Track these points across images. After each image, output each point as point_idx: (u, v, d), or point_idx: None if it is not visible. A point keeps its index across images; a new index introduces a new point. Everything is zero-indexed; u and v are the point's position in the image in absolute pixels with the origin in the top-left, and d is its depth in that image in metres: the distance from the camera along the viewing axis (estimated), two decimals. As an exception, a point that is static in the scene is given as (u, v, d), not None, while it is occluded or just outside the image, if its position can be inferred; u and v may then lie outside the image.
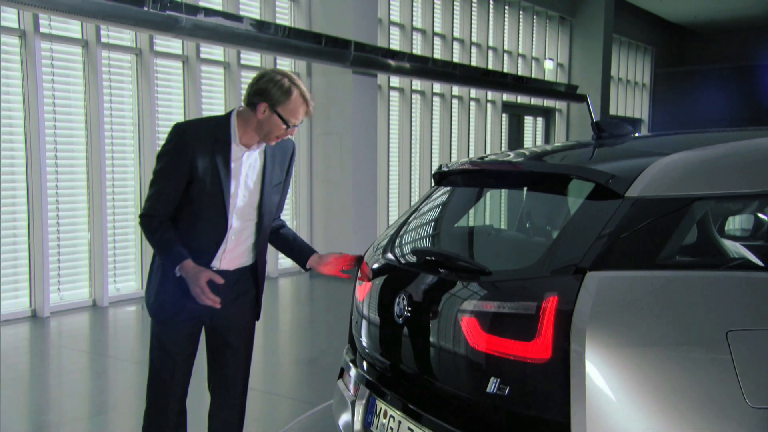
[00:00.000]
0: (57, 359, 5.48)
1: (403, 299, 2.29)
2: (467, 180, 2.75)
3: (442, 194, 2.83)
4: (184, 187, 2.59)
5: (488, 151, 12.90)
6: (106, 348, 5.93)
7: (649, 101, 19.41)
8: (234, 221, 2.66)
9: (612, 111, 16.32)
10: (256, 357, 5.44)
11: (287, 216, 9.25)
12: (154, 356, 2.76)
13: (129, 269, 7.45)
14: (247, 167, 2.68)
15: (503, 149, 13.44)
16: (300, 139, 9.24)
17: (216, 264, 2.67)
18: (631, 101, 18.56)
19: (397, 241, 2.72)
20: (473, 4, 12.33)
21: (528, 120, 14.57)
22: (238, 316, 2.79)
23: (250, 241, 2.75)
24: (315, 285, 8.71)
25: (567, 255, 1.90)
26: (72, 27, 6.85)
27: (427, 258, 2.37)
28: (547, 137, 15.10)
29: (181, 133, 2.61)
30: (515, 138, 13.99)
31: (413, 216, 2.84)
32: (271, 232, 2.93)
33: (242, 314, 2.80)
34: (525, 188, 2.57)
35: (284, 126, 2.58)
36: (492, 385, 1.92)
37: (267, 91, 2.56)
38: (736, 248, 2.23)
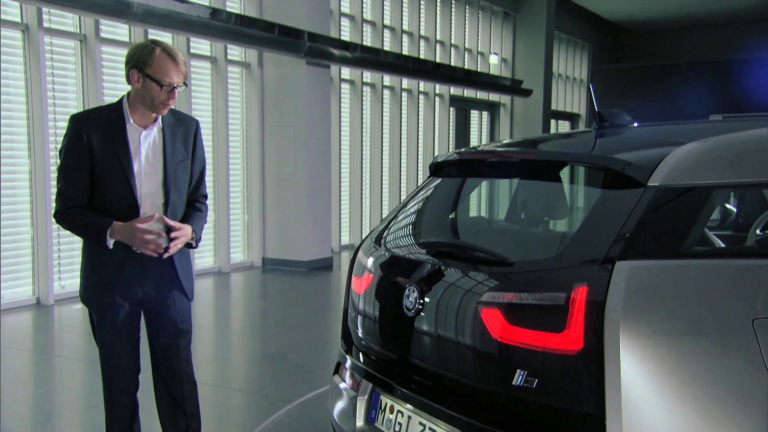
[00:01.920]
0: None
1: (413, 291, 2.23)
2: (465, 171, 2.71)
3: (436, 186, 2.78)
4: (89, 176, 2.64)
5: (437, 144, 12.96)
6: (51, 347, 5.65)
7: (587, 97, 19.92)
8: (143, 202, 2.66)
9: (552, 106, 16.67)
10: (222, 354, 5.34)
11: (237, 208, 9.04)
12: (100, 344, 2.79)
13: (75, 266, 7.11)
14: (146, 147, 2.70)
15: (451, 142, 13.52)
16: (251, 130, 9.04)
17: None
18: (570, 96, 19.00)
19: (397, 233, 2.66)
20: (421, -3, 12.35)
21: (474, 114, 14.72)
22: (169, 298, 2.80)
23: (161, 223, 2.71)
24: (268, 280, 8.55)
25: (593, 244, 1.88)
26: (10, 10, 6.46)
27: (440, 249, 2.31)
28: (492, 131, 15.29)
29: (75, 123, 2.65)
30: (462, 131, 14.11)
31: (408, 208, 2.78)
32: (189, 207, 2.90)
33: (173, 296, 2.80)
34: (530, 178, 2.54)
35: (159, 88, 2.59)
36: (518, 378, 1.88)
37: (133, 58, 2.61)
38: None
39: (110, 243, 2.59)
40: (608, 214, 1.96)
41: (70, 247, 7.05)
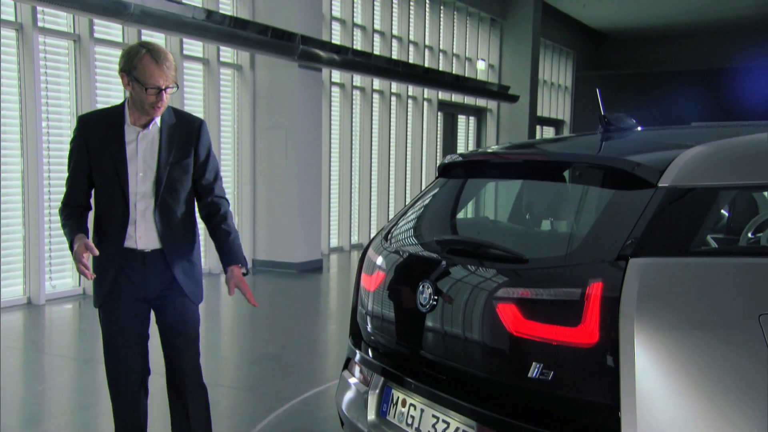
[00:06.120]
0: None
1: (428, 288, 2.29)
2: (473, 172, 2.78)
3: (441, 187, 2.84)
4: (88, 175, 2.73)
5: (425, 148, 13.04)
6: (43, 345, 5.64)
7: (571, 103, 20.16)
8: (138, 201, 2.71)
9: (538, 112, 16.84)
10: (217, 354, 5.36)
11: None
12: (103, 341, 2.81)
13: (66, 266, 7.09)
14: (144, 147, 2.73)
15: (439, 147, 13.62)
16: (243, 132, 9.06)
17: (131, 243, 2.72)
18: (555, 103, 19.21)
19: (406, 232, 2.72)
20: (411, 2, 12.43)
21: (461, 119, 14.84)
22: (168, 297, 2.81)
23: (153, 222, 2.74)
24: (258, 281, 8.56)
25: (607, 243, 1.96)
26: (5, 9, 6.44)
27: (454, 247, 2.38)
28: (479, 136, 15.42)
29: (80, 123, 2.76)
30: (449, 136, 14.22)
31: (415, 208, 2.85)
32: (211, 223, 2.89)
33: (172, 296, 2.81)
34: (539, 179, 2.61)
35: (144, 91, 2.61)
36: (534, 370, 1.95)
37: (123, 60, 2.65)
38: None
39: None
40: (620, 213, 2.04)
41: (61, 247, 7.02)
